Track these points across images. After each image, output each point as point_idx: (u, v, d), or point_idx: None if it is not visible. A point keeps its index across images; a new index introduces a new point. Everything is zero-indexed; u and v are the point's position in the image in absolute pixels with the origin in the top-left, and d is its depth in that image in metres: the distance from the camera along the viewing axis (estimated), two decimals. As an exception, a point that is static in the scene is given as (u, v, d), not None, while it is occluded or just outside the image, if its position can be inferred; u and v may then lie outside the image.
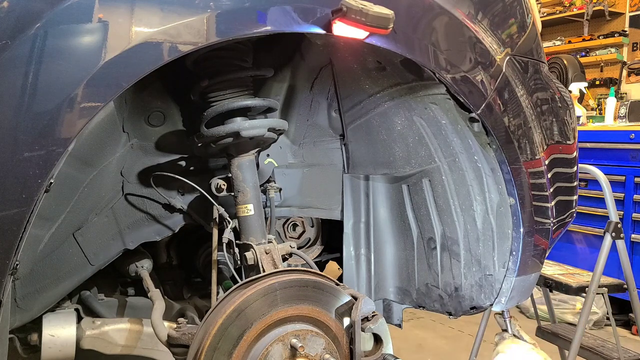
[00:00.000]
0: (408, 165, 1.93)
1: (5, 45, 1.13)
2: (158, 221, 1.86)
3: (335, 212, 2.08)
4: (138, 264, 1.96)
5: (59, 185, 1.42)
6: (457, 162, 1.85)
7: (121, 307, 2.00)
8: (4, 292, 1.20)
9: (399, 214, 2.03)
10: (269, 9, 1.34)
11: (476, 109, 1.69)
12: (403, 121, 1.88)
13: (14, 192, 1.15)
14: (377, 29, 1.39)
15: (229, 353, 1.37)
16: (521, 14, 1.87)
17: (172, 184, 1.84)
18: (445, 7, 1.62)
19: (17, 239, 1.17)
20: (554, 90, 1.95)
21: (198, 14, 1.28)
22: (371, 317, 1.53)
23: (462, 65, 1.64)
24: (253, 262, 1.65)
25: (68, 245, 1.72)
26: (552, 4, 7.37)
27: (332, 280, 1.55)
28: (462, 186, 1.87)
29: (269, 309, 1.41)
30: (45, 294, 1.71)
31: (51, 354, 1.71)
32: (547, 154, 1.86)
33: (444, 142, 1.85)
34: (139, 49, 1.22)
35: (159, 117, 1.78)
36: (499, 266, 1.85)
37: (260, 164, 1.91)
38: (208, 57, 1.61)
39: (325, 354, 1.43)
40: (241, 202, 1.69)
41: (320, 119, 2.00)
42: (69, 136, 1.18)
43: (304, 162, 2.04)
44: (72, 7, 1.18)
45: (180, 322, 1.56)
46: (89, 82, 1.18)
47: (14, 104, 1.14)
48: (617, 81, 6.70)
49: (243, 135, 1.60)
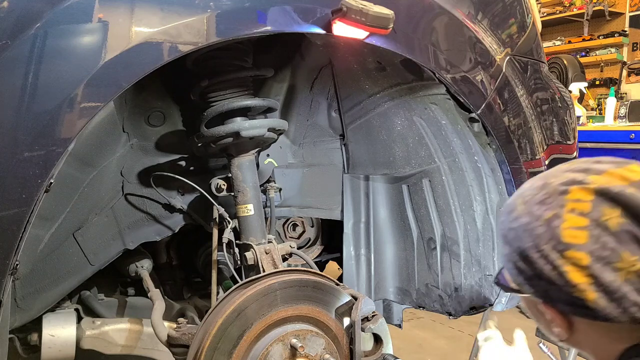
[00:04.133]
0: (408, 165, 1.93)
1: (5, 45, 1.13)
2: (158, 221, 1.86)
3: (335, 212, 2.08)
4: (138, 264, 1.96)
5: (59, 185, 1.42)
6: (457, 162, 1.85)
7: (121, 307, 2.00)
8: (4, 292, 1.20)
9: (399, 214, 2.03)
10: (269, 9, 1.34)
11: (476, 109, 1.69)
12: (403, 121, 1.88)
13: (14, 192, 1.15)
14: (377, 29, 1.39)
15: (229, 353, 1.37)
16: (521, 14, 1.87)
17: (172, 184, 1.84)
18: (445, 7, 1.62)
19: (17, 239, 1.17)
20: (554, 90, 1.95)
21: (198, 14, 1.28)
22: (371, 317, 1.53)
23: (462, 65, 1.64)
24: (253, 262, 1.65)
25: (68, 245, 1.72)
26: (552, 4, 7.37)
27: (332, 280, 1.55)
28: (462, 186, 1.87)
29: (269, 309, 1.41)
30: (45, 294, 1.70)
31: (51, 354, 1.70)
32: (548, 154, 1.86)
33: (444, 142, 1.85)
34: (139, 49, 1.22)
35: (159, 117, 1.78)
36: (499, 266, 1.85)
37: (260, 164, 1.91)
38: (208, 57, 1.60)
39: (325, 354, 1.43)
40: (241, 202, 1.69)
41: (320, 119, 2.00)
42: (69, 136, 1.18)
43: (304, 162, 2.04)
44: (72, 7, 1.18)
45: (180, 322, 1.56)
46: (89, 82, 1.18)
47: (14, 104, 1.14)
48: (617, 81, 6.70)
49: (243, 135, 1.60)
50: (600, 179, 0.88)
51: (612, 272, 0.85)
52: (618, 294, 0.85)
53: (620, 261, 0.84)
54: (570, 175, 0.92)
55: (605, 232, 0.86)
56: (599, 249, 0.85)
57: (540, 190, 0.94)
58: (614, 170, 0.89)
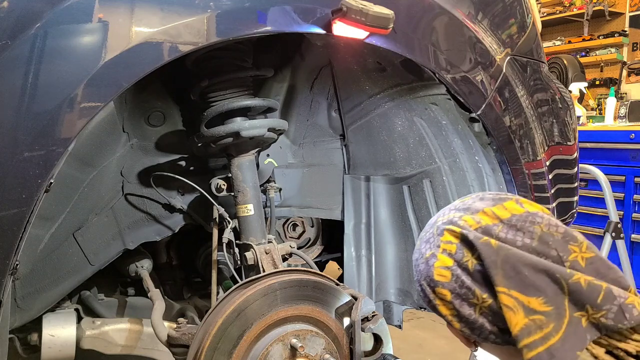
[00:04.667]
0: (409, 166, 1.93)
1: (5, 45, 1.13)
2: (158, 221, 1.86)
3: (335, 212, 2.08)
4: (138, 264, 1.96)
5: (59, 185, 1.42)
6: (457, 163, 1.85)
7: (121, 307, 2.00)
8: (4, 292, 1.20)
9: (400, 215, 2.02)
10: (269, 9, 1.34)
11: (476, 110, 1.69)
12: (403, 122, 1.87)
13: (14, 192, 1.15)
14: (377, 29, 1.39)
15: (229, 353, 1.37)
16: (521, 14, 1.87)
17: (172, 184, 1.84)
18: (445, 7, 1.61)
19: (17, 239, 1.17)
20: (554, 91, 1.95)
21: (198, 14, 1.27)
22: (371, 317, 1.53)
23: (462, 65, 1.64)
24: (253, 262, 1.65)
25: (68, 245, 1.72)
26: (552, 4, 7.37)
27: (332, 280, 1.55)
28: (463, 186, 1.86)
29: (269, 309, 1.41)
30: (45, 294, 1.70)
31: (51, 354, 1.70)
32: (548, 155, 1.86)
33: (444, 143, 1.85)
34: (139, 49, 1.22)
35: (159, 117, 1.78)
36: None
37: (260, 164, 1.91)
38: (208, 57, 1.60)
39: (325, 354, 1.43)
40: (241, 202, 1.69)
41: (320, 119, 2.00)
42: (69, 136, 1.18)
43: (304, 162, 2.04)
44: (72, 7, 1.18)
45: (180, 322, 1.56)
46: (89, 82, 1.18)
47: (14, 104, 1.14)
48: (617, 81, 6.69)
49: (243, 135, 1.60)
50: (471, 220, 1.00)
51: (468, 307, 0.99)
52: (477, 325, 0.99)
53: (474, 298, 0.98)
54: (451, 215, 1.04)
55: (464, 272, 0.99)
56: (458, 287, 0.99)
57: (430, 228, 1.08)
58: (489, 209, 1.00)
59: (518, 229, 0.97)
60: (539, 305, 0.93)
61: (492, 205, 1.01)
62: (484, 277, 0.97)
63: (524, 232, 0.97)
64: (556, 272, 0.93)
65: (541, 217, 0.99)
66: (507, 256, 0.95)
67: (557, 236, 0.97)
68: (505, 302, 0.93)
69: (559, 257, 0.95)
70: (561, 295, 0.93)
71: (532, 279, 0.93)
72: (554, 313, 0.92)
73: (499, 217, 0.99)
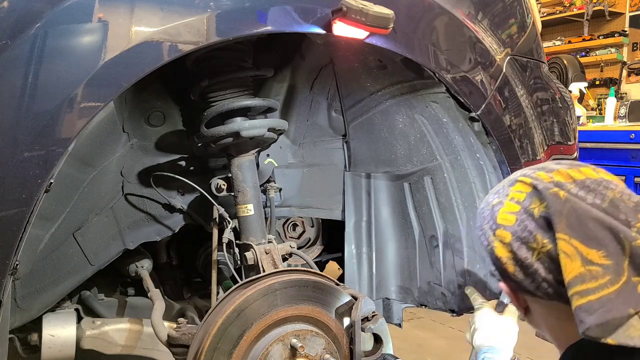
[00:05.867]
0: (410, 163, 1.93)
1: (5, 45, 1.13)
2: (158, 221, 1.86)
3: (335, 212, 2.08)
4: (138, 264, 1.96)
5: (59, 185, 1.42)
6: (459, 160, 1.85)
7: (121, 307, 2.00)
8: (4, 292, 1.20)
9: (401, 212, 2.02)
10: (269, 8, 1.34)
11: (476, 109, 1.69)
12: (404, 119, 1.88)
13: (14, 192, 1.15)
14: (377, 28, 1.39)
15: (229, 353, 1.37)
16: (521, 14, 1.87)
17: (172, 184, 1.84)
18: (446, 7, 1.62)
19: (17, 239, 1.17)
20: (554, 91, 1.95)
21: (198, 14, 1.27)
22: (371, 317, 1.53)
23: (462, 65, 1.64)
24: (253, 262, 1.65)
25: (68, 245, 1.72)
26: (552, 4, 7.36)
27: (332, 280, 1.55)
28: (464, 183, 1.86)
29: (269, 309, 1.41)
30: (45, 294, 1.70)
31: (51, 354, 1.70)
32: (548, 155, 1.86)
33: (445, 140, 1.85)
34: (139, 49, 1.22)
35: (159, 117, 1.78)
36: None
37: (260, 164, 1.91)
38: (208, 57, 1.60)
39: (325, 354, 1.43)
40: (241, 202, 1.69)
41: (320, 119, 2.00)
42: (69, 136, 1.18)
43: (304, 162, 2.04)
44: (72, 7, 1.18)
45: (180, 322, 1.56)
46: (89, 82, 1.18)
47: (14, 104, 1.14)
48: (617, 81, 6.69)
49: (243, 135, 1.60)
50: (545, 175, 1.01)
51: (526, 250, 0.99)
52: (531, 270, 0.98)
53: (534, 242, 0.98)
54: (525, 170, 1.06)
55: (529, 217, 0.99)
56: (520, 230, 0.99)
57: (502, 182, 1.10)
58: (564, 169, 1.01)
59: (590, 189, 0.97)
60: (598, 258, 0.91)
61: (568, 168, 1.01)
62: (547, 223, 0.96)
63: (596, 194, 0.96)
64: (621, 232, 0.92)
65: (615, 184, 0.99)
66: (573, 208, 0.94)
67: (629, 204, 0.96)
68: (564, 249, 0.93)
69: (627, 221, 0.93)
70: (622, 255, 0.91)
71: (595, 232, 0.92)
72: (612, 267, 0.91)
73: (573, 177, 0.99)
